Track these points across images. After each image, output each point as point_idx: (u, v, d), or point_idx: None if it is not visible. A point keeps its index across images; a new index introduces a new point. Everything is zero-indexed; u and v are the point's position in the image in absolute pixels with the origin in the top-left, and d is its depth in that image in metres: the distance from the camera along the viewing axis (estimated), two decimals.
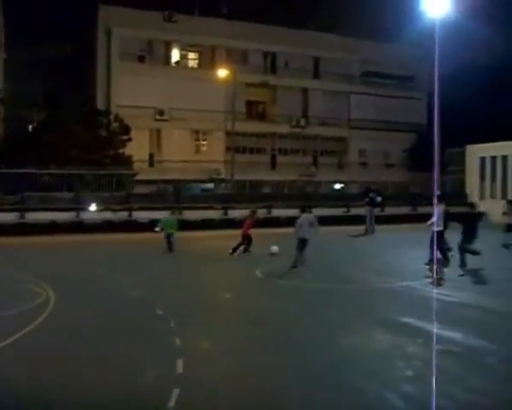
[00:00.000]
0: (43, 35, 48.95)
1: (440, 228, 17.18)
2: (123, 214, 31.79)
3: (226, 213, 34.02)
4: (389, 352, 9.19)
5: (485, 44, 45.64)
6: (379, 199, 31.22)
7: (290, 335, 10.20)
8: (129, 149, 42.73)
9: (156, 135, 50.35)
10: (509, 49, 45.81)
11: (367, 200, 30.73)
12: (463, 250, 17.53)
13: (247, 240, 22.51)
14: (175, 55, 52.62)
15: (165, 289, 14.57)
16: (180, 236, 28.64)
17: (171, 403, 7.08)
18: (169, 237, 23.02)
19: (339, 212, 34.64)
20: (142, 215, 31.86)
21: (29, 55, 49.57)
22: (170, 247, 22.83)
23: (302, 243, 17.98)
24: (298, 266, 17.72)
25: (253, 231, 23.03)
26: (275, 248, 21.61)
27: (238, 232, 29.73)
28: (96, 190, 33.47)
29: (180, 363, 8.41)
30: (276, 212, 34.48)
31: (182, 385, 7.57)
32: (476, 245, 19.51)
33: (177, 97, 48.21)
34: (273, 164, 54.32)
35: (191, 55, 54.10)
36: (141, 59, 50.72)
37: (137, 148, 44.35)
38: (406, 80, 60.10)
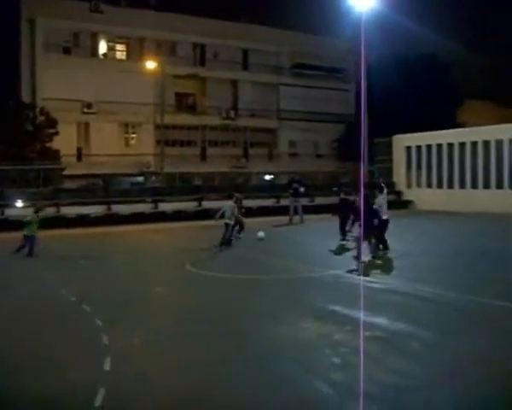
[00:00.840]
0: None
1: (386, 216, 17.73)
2: (50, 210, 31.06)
3: (157, 207, 33.72)
4: (317, 340, 9.29)
5: (409, 36, 46.72)
6: (302, 189, 31.54)
7: (219, 327, 10.19)
8: (56, 144, 41.87)
9: (84, 128, 49.46)
10: (432, 41, 47.00)
11: (291, 191, 31.06)
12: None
13: (239, 225, 22.55)
14: (102, 46, 51.74)
15: (94, 285, 14.31)
16: (111, 230, 28.40)
17: (97, 403, 6.92)
18: (28, 239, 19.43)
19: (269, 203, 34.80)
20: (70, 211, 31.25)
21: None
22: (30, 251, 19.30)
23: (225, 227, 20.51)
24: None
25: (185, 225, 22.96)
26: (261, 234, 22.20)
27: (168, 225, 29.80)
28: (23, 186, 32.58)
29: (107, 361, 8.27)
30: (208, 204, 34.41)
31: (108, 384, 7.45)
32: (404, 231, 20.20)
33: (106, 90, 47.45)
34: (203, 156, 54.21)
35: (119, 47, 53.33)
36: (67, 50, 49.58)
37: (65, 142, 43.48)
38: (335, 72, 60.94)
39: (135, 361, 8.50)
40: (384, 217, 17.74)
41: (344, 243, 20.54)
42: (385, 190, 18.85)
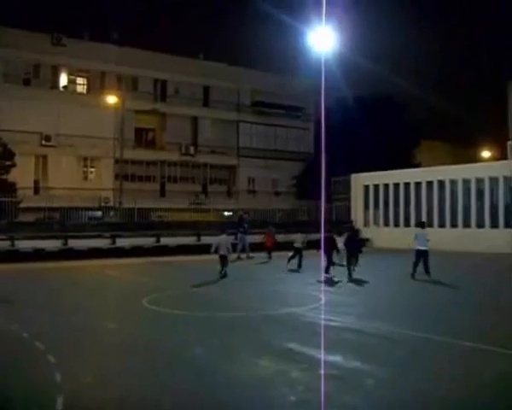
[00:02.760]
0: None
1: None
2: (5, 243, 30.54)
3: (114, 242, 33.45)
4: (273, 378, 9.29)
5: (367, 77, 47.74)
6: (246, 225, 32.52)
7: (173, 365, 10.13)
8: (13, 176, 41.32)
9: (42, 161, 48.95)
10: (390, 82, 48.10)
11: (241, 229, 31.74)
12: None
13: (269, 250, 28.38)
14: (63, 79, 51.55)
15: (46, 322, 14.07)
16: (67, 265, 28.03)
17: None
18: None
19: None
20: (25, 244, 30.76)
21: None
22: None
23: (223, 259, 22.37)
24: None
25: (143, 261, 22.82)
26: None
27: (126, 261, 29.55)
28: None
29: (60, 400, 8.10)
30: (165, 240, 34.30)
31: None
32: (361, 269, 20.59)
33: (65, 123, 47.23)
34: (162, 192, 54.06)
35: (80, 81, 53.17)
36: (26, 82, 49.26)
37: (22, 174, 43.01)
38: (295, 111, 61.79)
39: (86, 400, 8.39)
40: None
41: (330, 275, 21.51)
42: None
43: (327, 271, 21.56)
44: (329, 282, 20.83)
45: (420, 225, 24.71)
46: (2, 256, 28.99)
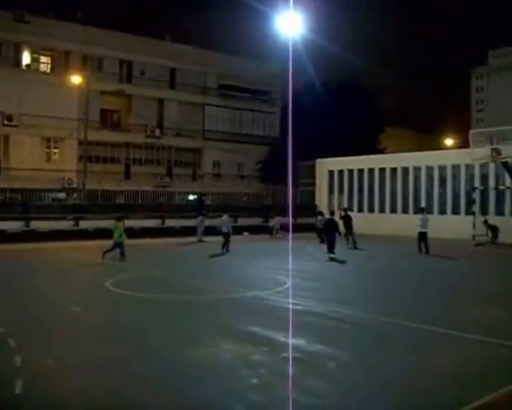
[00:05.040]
0: None
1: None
2: None
3: (77, 224, 33.15)
4: (235, 361, 9.34)
5: (333, 62, 47.89)
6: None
7: (135, 347, 10.11)
8: None
9: (4, 141, 48.06)
10: (356, 68, 48.32)
11: (204, 212, 32.11)
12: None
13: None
14: (26, 57, 50.44)
15: (7, 306, 13.92)
16: (29, 247, 27.71)
17: None
18: None
19: (192, 223, 34.75)
20: None
21: None
22: None
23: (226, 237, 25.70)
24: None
25: (107, 243, 22.67)
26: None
27: (89, 243, 29.30)
28: None
29: (19, 383, 8.03)
30: (130, 222, 34.06)
31: (20, 408, 7.29)
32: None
33: (28, 103, 46.34)
34: (127, 174, 53.57)
35: (43, 59, 52.07)
36: None
37: None
38: (261, 94, 61.68)
39: (47, 384, 8.34)
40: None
41: (333, 255, 23.13)
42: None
43: (331, 251, 23.31)
44: (336, 261, 22.56)
45: (420, 210, 28.75)
46: None
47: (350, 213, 31.20)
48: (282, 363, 9.02)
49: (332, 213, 26.57)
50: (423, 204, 36.63)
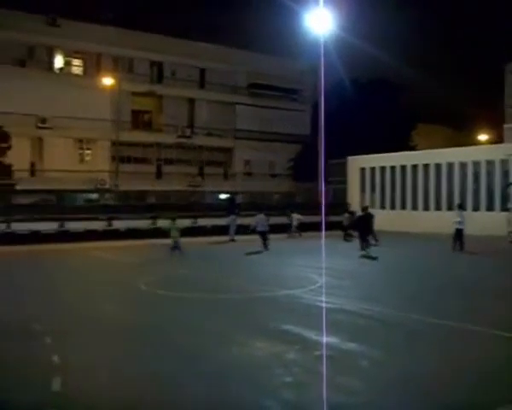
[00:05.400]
0: None
1: None
2: (1, 226, 30.54)
3: (110, 224, 33.46)
4: (268, 360, 9.32)
5: (364, 60, 47.62)
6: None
7: (170, 345, 10.17)
8: (8, 158, 41.19)
9: (38, 143, 48.74)
10: (389, 66, 48.00)
11: (236, 211, 32.18)
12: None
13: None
14: (59, 61, 51.16)
15: (43, 305, 14.10)
16: (63, 247, 28.06)
17: None
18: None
19: (223, 222, 34.83)
20: (22, 227, 30.75)
21: None
22: None
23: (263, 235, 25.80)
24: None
25: (139, 243, 22.85)
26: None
27: (122, 243, 29.58)
28: None
29: (57, 381, 8.14)
30: (162, 222, 34.31)
31: (58, 404, 7.38)
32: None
33: (61, 105, 46.93)
34: (159, 174, 53.96)
35: (76, 62, 52.74)
36: (22, 63, 48.93)
37: (18, 156, 42.80)
38: (291, 93, 61.62)
39: (83, 381, 8.43)
40: None
41: (365, 252, 23.57)
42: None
43: (363, 247, 23.84)
44: (367, 258, 22.77)
45: (459, 207, 28.06)
46: None
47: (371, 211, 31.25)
48: (315, 361, 8.98)
49: (364, 210, 26.41)
50: (457, 201, 36.22)
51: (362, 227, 24.57)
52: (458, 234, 25.29)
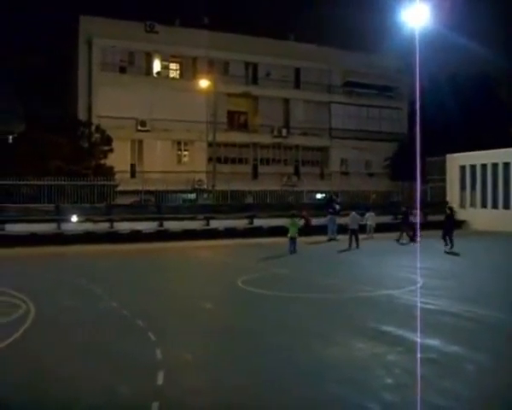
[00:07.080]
0: (23, 47, 48.93)
1: None
2: (104, 225, 31.63)
3: (208, 224, 33.98)
4: (369, 360, 9.18)
5: (461, 54, 46.12)
6: (338, 207, 31.99)
7: (269, 344, 10.19)
8: (110, 160, 42.59)
9: (138, 146, 50.18)
10: (485, 59, 46.32)
11: (331, 210, 31.47)
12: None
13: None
14: (156, 65, 52.50)
15: (145, 302, 14.47)
16: (163, 246, 28.75)
17: None
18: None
19: (320, 221, 34.59)
20: (123, 226, 31.77)
21: (8, 68, 49.11)
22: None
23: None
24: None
25: (236, 242, 23.05)
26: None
27: (220, 242, 29.99)
28: (77, 202, 33.18)
29: (161, 375, 8.34)
30: (259, 222, 34.53)
31: (162, 398, 7.51)
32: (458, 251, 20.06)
33: (159, 108, 48.19)
34: (255, 174, 54.37)
35: (172, 66, 54.03)
36: (122, 69, 50.62)
37: (119, 158, 44.22)
38: (387, 90, 60.61)
39: (184, 376, 8.60)
40: None
41: (447, 249, 24.33)
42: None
43: (446, 244, 24.71)
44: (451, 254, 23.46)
45: None
46: (101, 238, 30.09)
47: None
48: (416, 364, 8.72)
49: (450, 210, 27.57)
50: None
51: (448, 226, 25.17)
52: None
